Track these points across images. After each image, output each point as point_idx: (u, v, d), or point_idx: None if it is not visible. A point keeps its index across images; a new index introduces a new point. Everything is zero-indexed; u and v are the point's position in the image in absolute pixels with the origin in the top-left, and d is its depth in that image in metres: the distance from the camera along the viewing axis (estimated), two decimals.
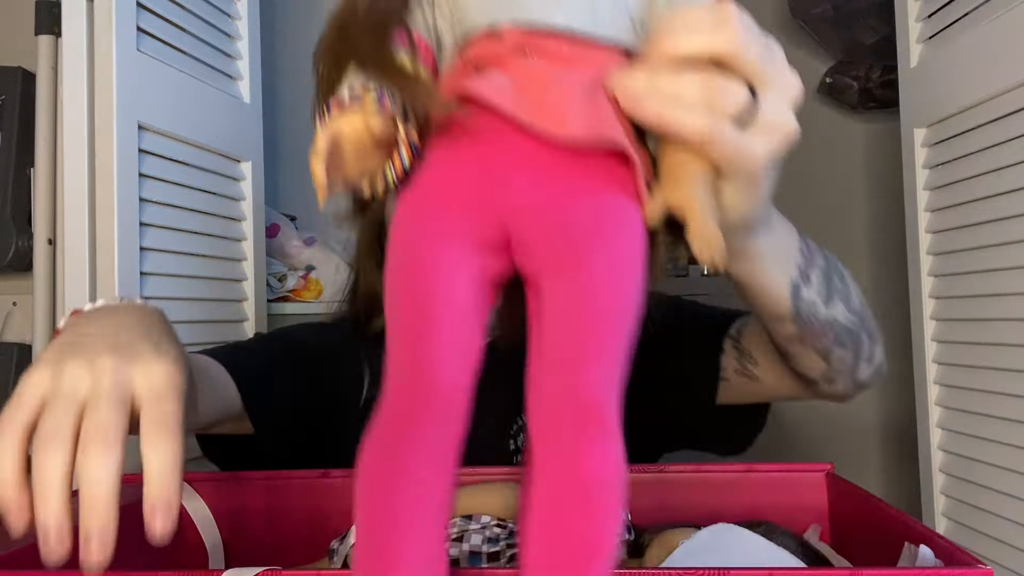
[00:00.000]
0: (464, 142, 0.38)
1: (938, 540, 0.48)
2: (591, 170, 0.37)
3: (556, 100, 0.37)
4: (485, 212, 0.37)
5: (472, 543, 0.62)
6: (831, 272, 0.60)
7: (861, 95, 1.74)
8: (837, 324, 0.61)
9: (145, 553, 0.69)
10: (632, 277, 0.36)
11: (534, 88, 0.37)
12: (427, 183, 0.38)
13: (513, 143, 0.36)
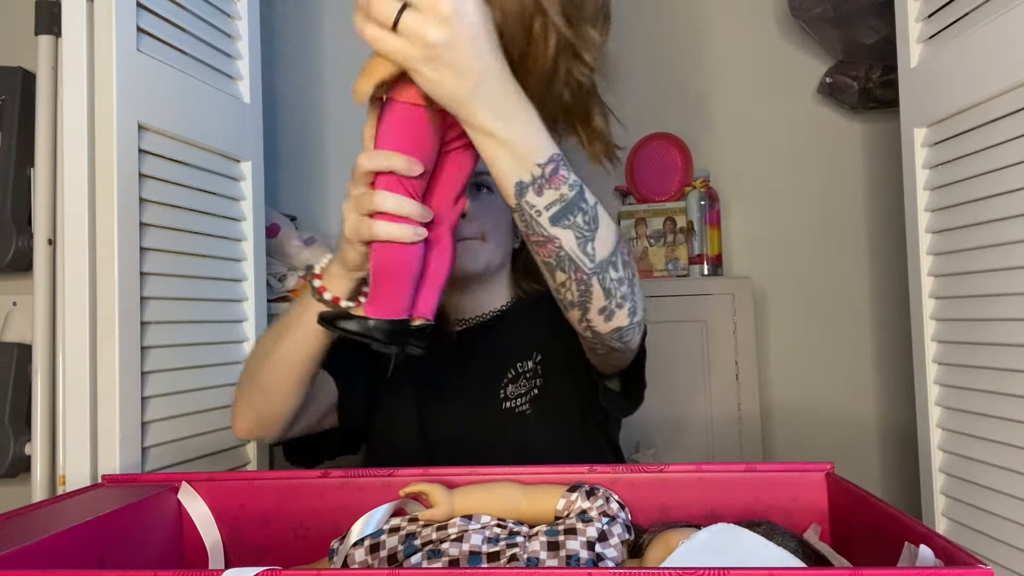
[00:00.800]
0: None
1: (938, 540, 0.48)
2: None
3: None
4: None
5: (472, 543, 0.62)
6: (577, 206, 0.72)
7: (861, 95, 1.74)
8: (560, 246, 0.72)
9: (146, 553, 0.69)
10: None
11: None
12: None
13: None
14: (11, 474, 1.27)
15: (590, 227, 0.72)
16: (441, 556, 0.61)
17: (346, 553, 0.65)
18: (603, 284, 0.73)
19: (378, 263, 0.71)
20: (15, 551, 0.54)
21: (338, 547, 0.67)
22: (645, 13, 1.78)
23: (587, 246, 0.72)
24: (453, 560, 0.60)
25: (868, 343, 1.87)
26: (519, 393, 1.04)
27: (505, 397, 1.05)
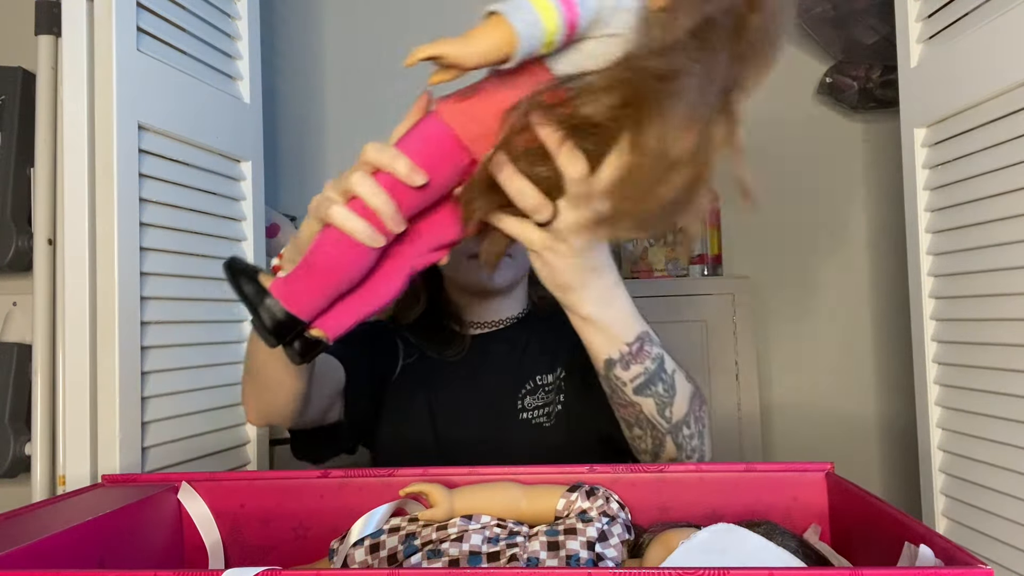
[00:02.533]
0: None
1: (938, 540, 0.48)
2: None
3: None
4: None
5: (472, 543, 0.62)
6: (657, 377, 0.78)
7: (861, 95, 1.74)
8: (640, 410, 0.78)
9: (146, 553, 0.69)
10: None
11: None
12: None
13: None
14: (11, 474, 1.27)
15: (668, 394, 0.78)
16: (441, 556, 0.61)
17: (346, 553, 0.65)
18: (676, 440, 0.79)
19: (317, 249, 0.63)
20: (15, 551, 0.54)
21: (338, 547, 0.67)
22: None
23: (665, 411, 0.78)
24: (453, 560, 0.60)
25: (868, 343, 1.87)
26: (537, 405, 1.03)
27: (523, 408, 1.04)
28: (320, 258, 0.63)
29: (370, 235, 0.61)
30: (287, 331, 0.64)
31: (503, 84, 0.63)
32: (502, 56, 0.58)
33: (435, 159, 0.63)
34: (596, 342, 0.76)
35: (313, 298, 0.64)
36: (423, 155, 0.63)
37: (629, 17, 0.59)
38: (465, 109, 0.63)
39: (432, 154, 0.63)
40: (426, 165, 0.63)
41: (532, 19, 0.58)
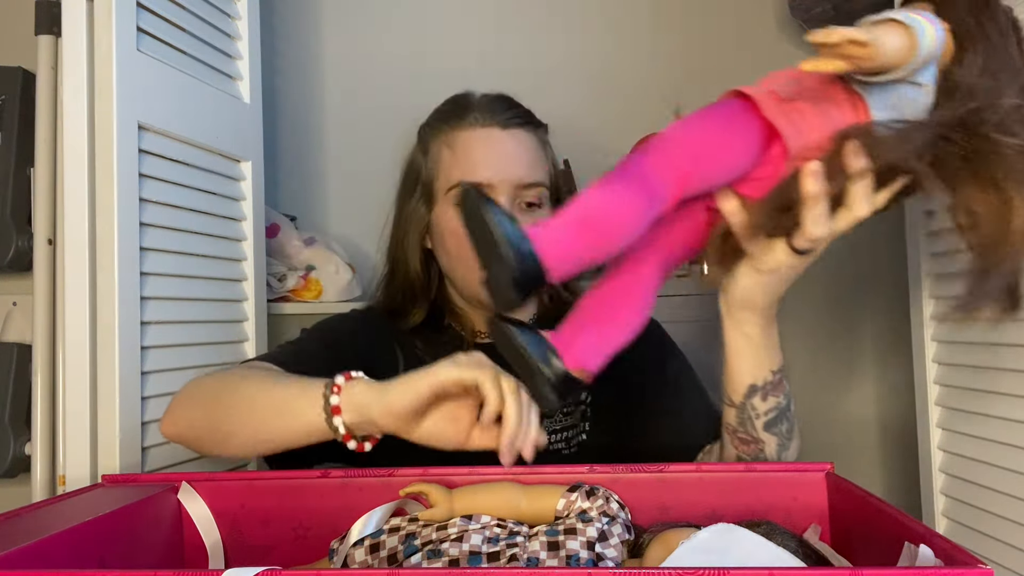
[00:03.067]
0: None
1: (938, 540, 0.48)
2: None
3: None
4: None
5: (472, 543, 0.62)
6: (785, 415, 0.79)
7: None
8: (762, 449, 0.79)
9: (146, 553, 0.69)
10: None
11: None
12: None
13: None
14: (11, 474, 1.27)
15: (788, 437, 0.81)
16: (441, 556, 0.61)
17: (346, 553, 0.65)
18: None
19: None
20: (15, 551, 0.54)
21: (338, 547, 0.67)
22: (644, 12, 1.78)
23: (783, 453, 0.80)
24: (453, 560, 0.60)
25: (868, 343, 1.87)
26: (555, 429, 0.96)
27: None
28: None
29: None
30: (569, 390, 0.62)
31: (830, 103, 0.64)
32: (902, 60, 0.59)
33: (744, 146, 0.64)
34: (745, 366, 0.77)
35: (600, 346, 0.64)
36: (731, 134, 0.63)
37: (935, 71, 0.63)
38: (789, 112, 0.63)
39: (744, 140, 0.63)
40: (716, 139, 0.63)
41: (927, 32, 0.59)
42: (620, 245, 0.60)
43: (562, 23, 1.79)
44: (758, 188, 0.67)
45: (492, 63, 1.77)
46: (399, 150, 1.06)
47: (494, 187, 0.94)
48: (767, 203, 0.66)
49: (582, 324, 0.66)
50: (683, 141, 0.63)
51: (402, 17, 1.79)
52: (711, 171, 0.63)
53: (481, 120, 0.97)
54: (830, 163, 0.63)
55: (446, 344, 0.98)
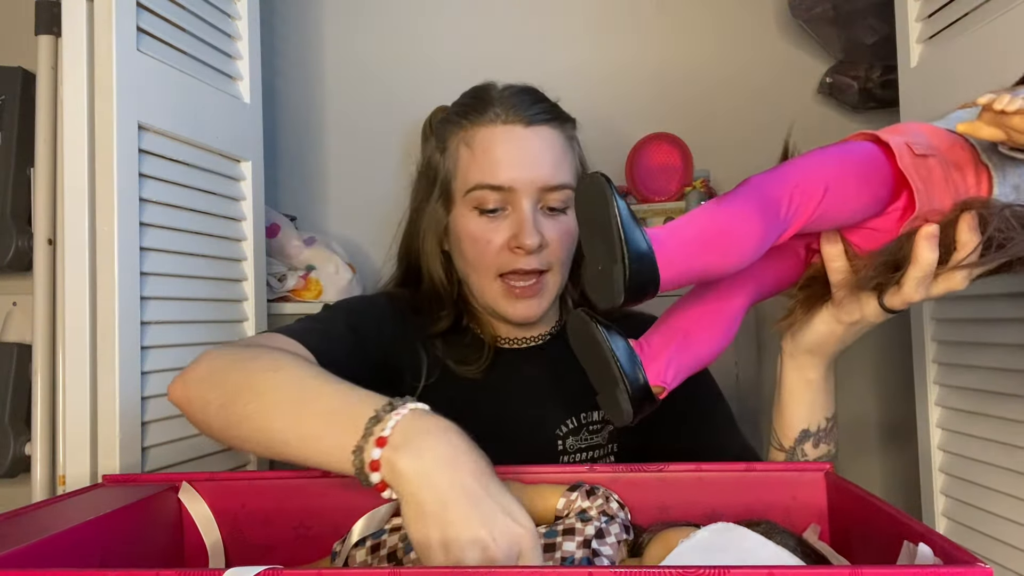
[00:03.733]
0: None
1: (937, 539, 0.48)
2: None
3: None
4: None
5: None
6: (833, 463, 0.77)
7: (861, 95, 1.74)
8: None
9: (147, 552, 0.69)
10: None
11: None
12: None
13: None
14: (11, 474, 1.27)
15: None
16: None
17: (347, 554, 0.65)
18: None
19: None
20: (17, 550, 0.54)
21: (339, 549, 0.67)
22: (644, 12, 1.78)
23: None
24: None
25: (868, 343, 1.87)
26: (580, 447, 0.92)
27: (564, 450, 0.92)
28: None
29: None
30: (648, 403, 0.61)
31: (957, 169, 0.63)
32: None
33: (874, 195, 0.62)
34: (801, 411, 0.76)
35: (676, 368, 0.63)
36: (865, 180, 0.61)
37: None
38: (920, 168, 0.61)
39: (875, 189, 0.62)
40: (863, 191, 0.61)
41: None
42: (735, 269, 0.59)
43: (562, 23, 1.79)
44: (869, 239, 0.66)
45: (492, 63, 1.77)
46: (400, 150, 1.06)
47: (516, 190, 0.88)
48: (877, 257, 0.65)
49: (668, 340, 0.65)
50: (820, 176, 0.60)
51: (402, 17, 1.79)
52: (838, 212, 0.62)
53: (503, 116, 0.90)
54: (945, 231, 0.63)
55: (467, 347, 0.94)
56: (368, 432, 0.56)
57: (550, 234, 0.90)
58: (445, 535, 0.51)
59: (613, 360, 0.60)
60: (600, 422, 0.94)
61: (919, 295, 0.65)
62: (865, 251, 0.66)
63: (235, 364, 0.69)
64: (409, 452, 0.54)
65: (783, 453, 0.79)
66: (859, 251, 0.66)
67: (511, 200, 0.89)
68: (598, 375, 0.62)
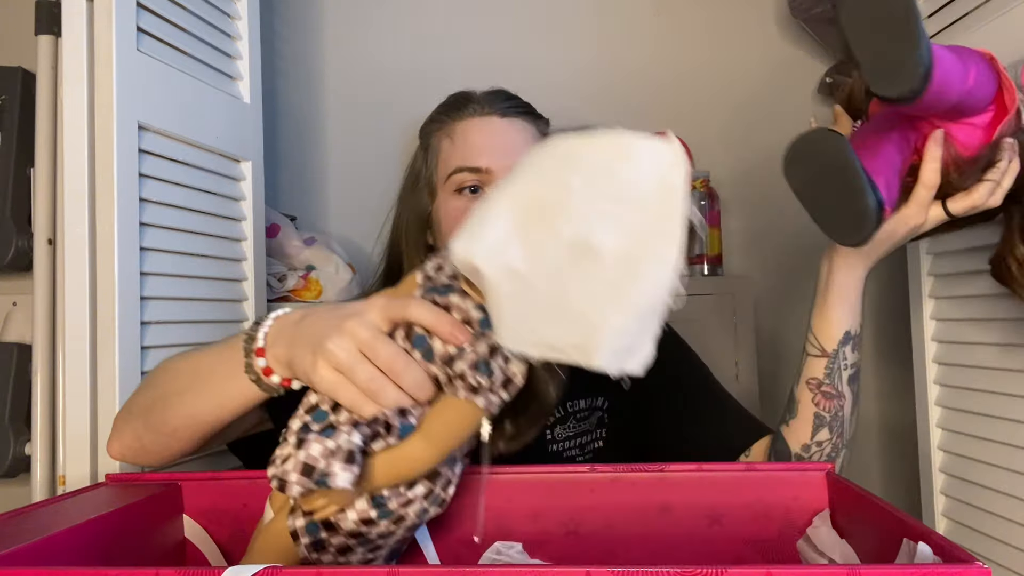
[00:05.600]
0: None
1: (935, 538, 0.48)
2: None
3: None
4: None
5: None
6: (858, 378, 0.83)
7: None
8: (842, 406, 0.81)
9: (148, 551, 0.69)
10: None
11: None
12: None
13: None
14: (11, 474, 1.27)
15: (858, 399, 0.85)
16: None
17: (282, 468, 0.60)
18: (842, 462, 0.88)
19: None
20: (19, 549, 0.54)
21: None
22: (644, 12, 1.78)
23: (854, 414, 0.84)
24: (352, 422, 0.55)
25: (868, 343, 1.87)
26: (568, 436, 0.94)
27: (552, 439, 0.93)
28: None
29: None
30: (879, 223, 0.69)
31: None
32: None
33: (989, 85, 0.72)
34: (845, 312, 0.81)
35: (887, 188, 0.71)
36: (988, 68, 0.72)
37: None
38: (1007, 78, 0.72)
39: (989, 81, 0.72)
40: (987, 74, 0.72)
41: None
42: (960, 99, 0.70)
43: (562, 23, 1.79)
44: (968, 134, 0.74)
45: (492, 63, 1.78)
46: (399, 150, 1.07)
47: (493, 172, 0.93)
48: (978, 162, 0.73)
49: (873, 159, 0.72)
50: (974, 58, 0.71)
51: (402, 18, 1.79)
52: (977, 91, 0.71)
53: (479, 110, 0.97)
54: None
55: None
56: (248, 351, 0.64)
57: None
58: (314, 343, 0.56)
59: (863, 174, 0.67)
60: (587, 409, 0.96)
61: (984, 200, 0.74)
62: (963, 146, 0.74)
63: (134, 395, 0.78)
64: (283, 341, 0.61)
65: (824, 359, 0.82)
66: (959, 146, 0.74)
67: (489, 182, 0.94)
68: (837, 194, 0.68)
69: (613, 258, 0.47)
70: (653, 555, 0.69)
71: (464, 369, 0.53)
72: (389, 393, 0.54)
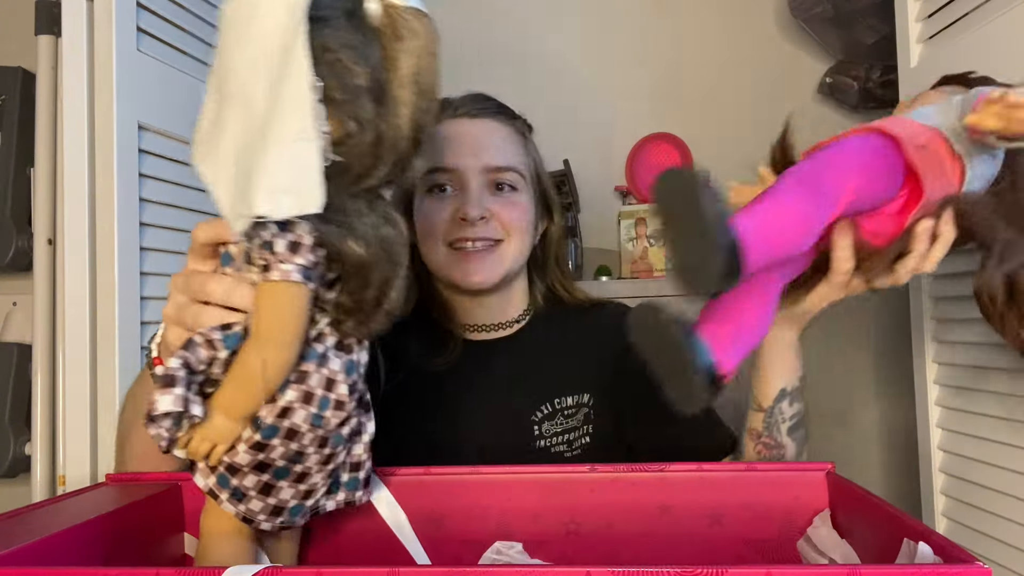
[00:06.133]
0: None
1: (935, 538, 0.48)
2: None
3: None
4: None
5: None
6: (803, 421, 0.83)
7: (861, 95, 1.74)
8: (783, 455, 0.82)
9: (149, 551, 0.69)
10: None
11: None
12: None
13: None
14: (11, 474, 1.27)
15: (805, 442, 0.84)
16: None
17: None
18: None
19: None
20: (20, 548, 0.54)
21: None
22: (644, 12, 1.78)
23: (802, 455, 0.84)
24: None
25: (868, 342, 1.87)
26: (556, 431, 0.95)
27: (540, 435, 0.94)
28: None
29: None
30: (716, 392, 0.63)
31: (942, 161, 0.68)
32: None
33: (892, 181, 0.67)
34: (780, 370, 0.81)
35: (735, 355, 0.64)
36: (885, 168, 0.66)
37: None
38: (922, 157, 0.66)
39: (893, 176, 0.66)
40: (883, 173, 0.66)
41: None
42: (799, 252, 0.62)
43: (562, 22, 1.79)
44: (878, 224, 0.70)
45: (492, 63, 1.78)
46: None
47: (461, 171, 0.95)
48: (888, 253, 0.71)
49: (721, 328, 0.65)
50: (855, 164, 0.64)
51: None
52: (868, 197, 0.66)
53: (452, 113, 0.98)
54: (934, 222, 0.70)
55: (436, 340, 0.98)
56: (150, 365, 0.66)
57: (496, 208, 0.95)
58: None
59: (685, 351, 0.61)
60: (574, 406, 0.96)
61: (906, 279, 0.73)
62: (873, 234, 0.70)
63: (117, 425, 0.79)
64: (163, 342, 0.63)
65: (761, 413, 0.82)
66: (868, 235, 0.70)
67: (459, 180, 0.95)
68: (668, 365, 0.63)
69: (261, 104, 0.50)
70: (653, 555, 0.69)
71: (253, 255, 0.54)
72: (201, 315, 0.56)
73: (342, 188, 0.55)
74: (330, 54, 0.52)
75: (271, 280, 0.53)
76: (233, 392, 0.55)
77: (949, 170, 0.68)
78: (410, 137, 0.58)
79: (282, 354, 0.55)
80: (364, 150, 0.55)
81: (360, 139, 0.54)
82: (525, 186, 0.99)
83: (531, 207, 0.99)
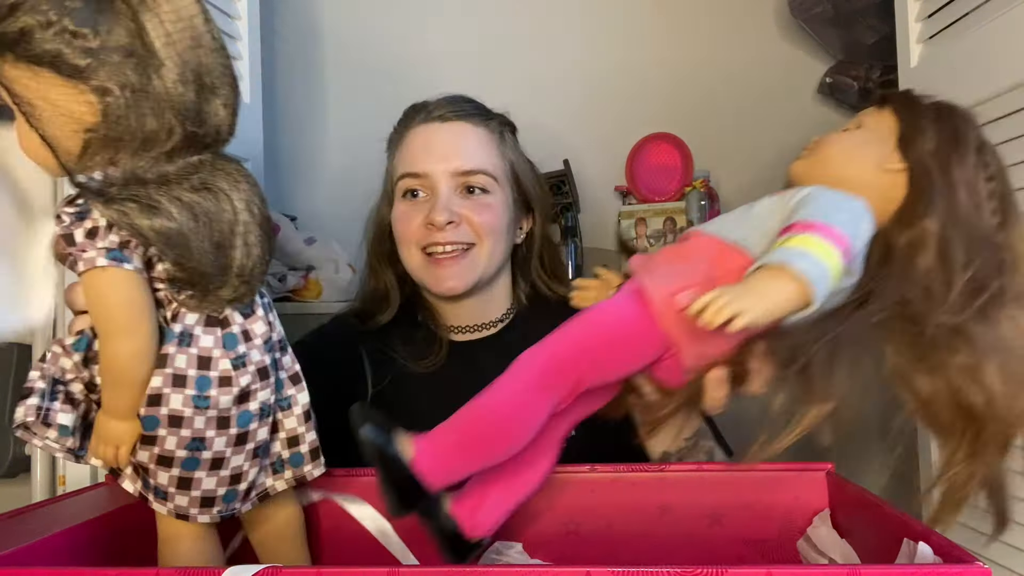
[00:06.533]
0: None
1: (935, 538, 0.48)
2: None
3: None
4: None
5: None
6: (698, 442, 0.85)
7: (861, 95, 1.74)
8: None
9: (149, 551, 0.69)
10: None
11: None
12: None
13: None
14: (11, 474, 1.27)
15: (710, 455, 0.87)
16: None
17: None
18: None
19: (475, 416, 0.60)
20: (20, 548, 0.54)
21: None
22: (644, 12, 1.78)
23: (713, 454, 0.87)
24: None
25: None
26: None
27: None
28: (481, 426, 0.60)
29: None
30: (466, 549, 0.62)
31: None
32: (800, 307, 0.54)
33: (638, 346, 0.61)
34: (657, 446, 0.81)
35: (495, 517, 0.63)
36: (626, 336, 0.60)
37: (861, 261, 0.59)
38: (682, 321, 0.58)
39: (639, 340, 0.60)
40: (623, 348, 0.60)
41: (827, 277, 0.53)
42: (510, 454, 0.59)
43: (562, 22, 1.79)
44: (666, 371, 0.64)
45: (492, 62, 1.78)
46: None
47: (430, 176, 0.97)
48: (678, 399, 0.67)
49: (485, 492, 0.63)
50: (581, 344, 0.60)
51: (402, 18, 1.79)
52: (611, 370, 0.61)
53: (425, 118, 1.00)
54: (735, 362, 0.64)
55: (422, 342, 1.00)
56: None
57: (465, 212, 0.96)
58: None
59: (433, 525, 0.63)
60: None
61: (719, 407, 0.68)
62: (662, 381, 0.65)
63: None
64: None
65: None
66: (658, 382, 0.66)
67: (429, 185, 0.98)
68: (431, 530, 0.63)
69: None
70: (653, 555, 0.69)
71: (63, 254, 0.55)
72: (75, 324, 0.59)
73: (137, 159, 0.54)
74: (53, 26, 0.51)
75: (82, 273, 0.53)
76: (106, 391, 0.56)
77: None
78: (191, 83, 0.56)
79: (128, 341, 0.54)
80: (128, 112, 0.53)
81: (118, 102, 0.53)
82: (498, 188, 1.00)
83: (506, 208, 1.00)
